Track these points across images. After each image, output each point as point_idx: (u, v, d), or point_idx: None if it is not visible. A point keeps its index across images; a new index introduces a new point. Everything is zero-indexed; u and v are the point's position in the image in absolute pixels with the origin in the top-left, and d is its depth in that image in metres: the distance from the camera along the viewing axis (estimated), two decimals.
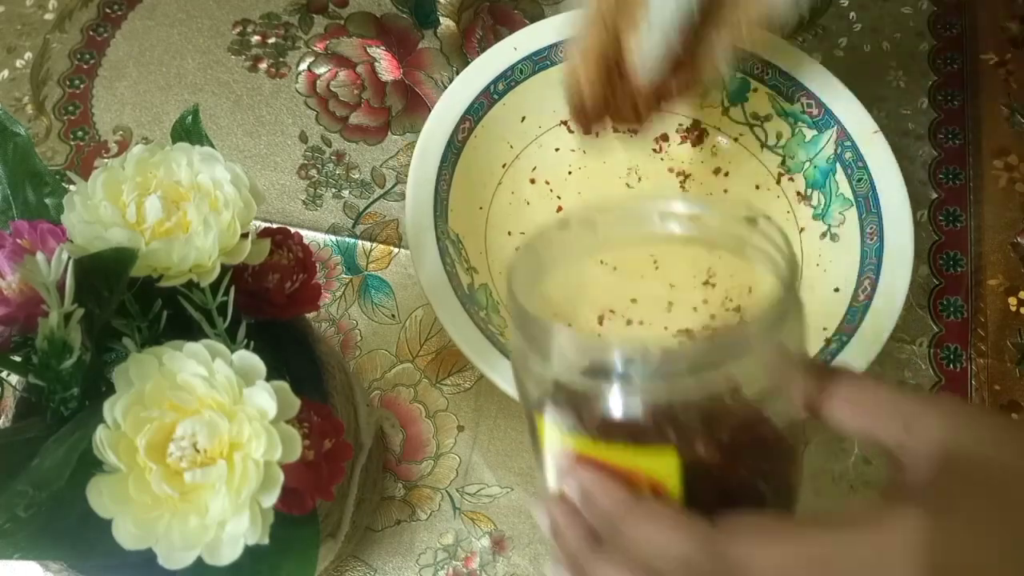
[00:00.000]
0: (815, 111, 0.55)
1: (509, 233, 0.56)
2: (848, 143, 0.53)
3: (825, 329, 0.49)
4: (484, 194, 0.56)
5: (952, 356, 0.56)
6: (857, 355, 0.47)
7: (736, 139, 0.58)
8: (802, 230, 0.55)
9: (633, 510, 0.27)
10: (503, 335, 0.49)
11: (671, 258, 0.53)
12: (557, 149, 0.58)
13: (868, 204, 0.52)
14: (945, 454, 0.26)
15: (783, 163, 0.57)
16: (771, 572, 0.26)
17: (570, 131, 0.58)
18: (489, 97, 0.56)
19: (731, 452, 0.28)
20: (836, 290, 0.51)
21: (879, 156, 0.53)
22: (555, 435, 0.29)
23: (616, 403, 0.27)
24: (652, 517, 0.27)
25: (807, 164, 0.55)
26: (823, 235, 0.54)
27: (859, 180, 0.53)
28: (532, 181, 0.57)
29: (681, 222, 0.32)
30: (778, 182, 0.57)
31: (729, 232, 0.31)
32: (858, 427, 0.29)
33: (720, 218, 0.32)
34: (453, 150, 0.54)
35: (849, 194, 0.53)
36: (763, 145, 0.57)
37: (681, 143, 0.58)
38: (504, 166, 0.57)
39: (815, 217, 0.55)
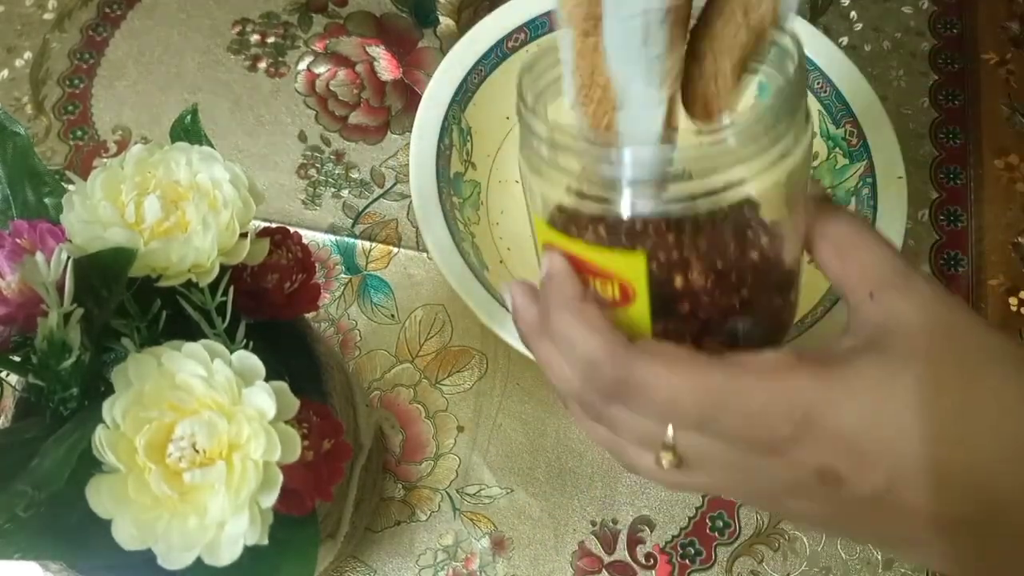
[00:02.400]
0: (854, 140, 0.53)
1: (516, 182, 0.56)
2: (870, 179, 0.52)
3: None
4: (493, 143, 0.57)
5: None
6: None
7: None
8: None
9: (567, 304, 0.28)
10: (475, 236, 0.51)
11: None
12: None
13: None
14: (887, 331, 0.26)
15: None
16: (663, 398, 0.26)
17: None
18: (511, 44, 0.56)
19: (718, 276, 0.28)
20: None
21: (891, 201, 0.51)
22: (545, 230, 0.30)
23: (603, 204, 0.27)
24: (578, 316, 0.27)
25: (830, 189, 0.55)
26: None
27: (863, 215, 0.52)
28: None
29: None
30: None
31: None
32: (832, 275, 0.29)
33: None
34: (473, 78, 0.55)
35: None
36: None
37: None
38: (508, 118, 0.58)
39: None
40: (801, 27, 0.56)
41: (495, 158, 0.57)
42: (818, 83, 0.55)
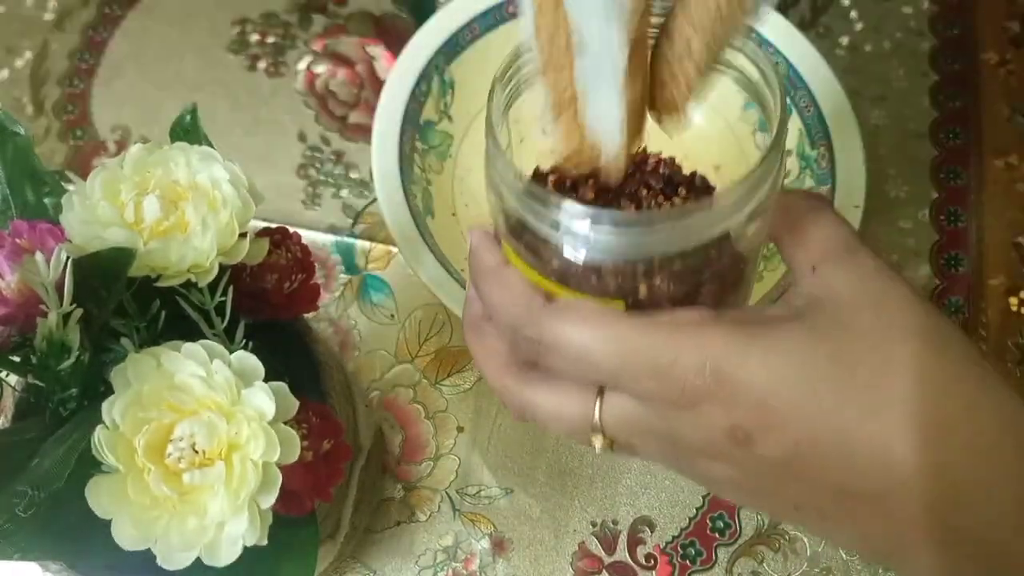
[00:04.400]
0: (824, 164, 0.53)
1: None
2: None
3: None
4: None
5: None
6: None
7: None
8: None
9: (494, 271, 0.29)
10: (430, 184, 0.54)
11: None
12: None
13: None
14: (819, 302, 0.26)
15: None
16: (575, 350, 0.26)
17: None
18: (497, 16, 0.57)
19: (681, 287, 0.28)
20: None
21: None
22: (518, 262, 0.30)
23: (568, 252, 0.28)
24: (500, 282, 0.29)
25: None
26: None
27: None
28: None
29: None
30: None
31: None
32: (783, 250, 0.29)
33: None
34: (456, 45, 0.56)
35: None
36: None
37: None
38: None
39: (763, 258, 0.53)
40: (794, 35, 0.56)
41: (475, 117, 0.58)
42: (804, 102, 0.55)
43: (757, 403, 0.25)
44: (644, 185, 0.31)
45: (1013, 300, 0.57)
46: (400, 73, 0.55)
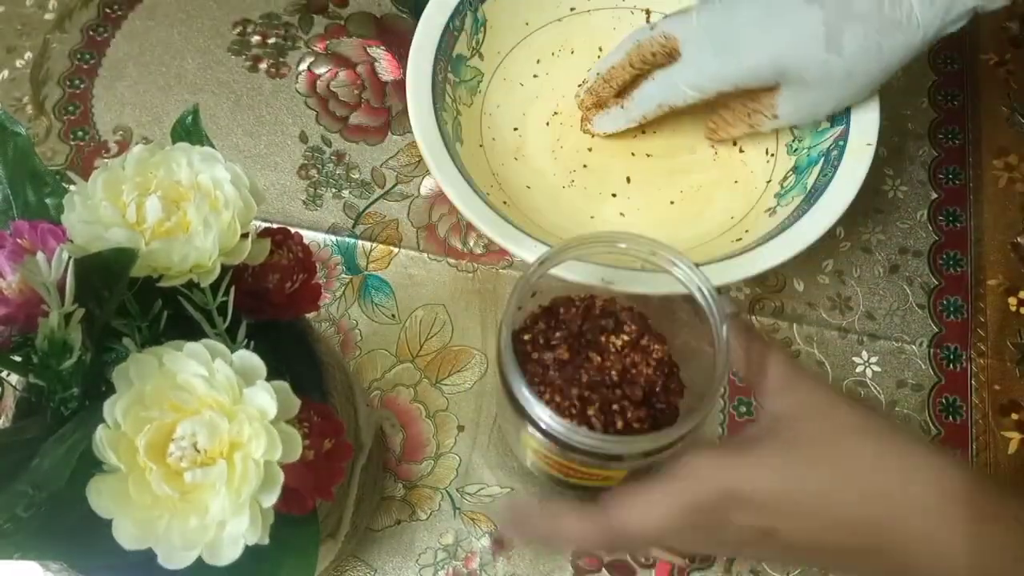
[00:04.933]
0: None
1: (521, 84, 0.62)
2: (842, 143, 0.53)
3: None
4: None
5: (952, 356, 0.56)
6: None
7: None
8: (757, 202, 0.56)
9: (553, 524, 0.37)
10: (460, 115, 0.57)
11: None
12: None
13: (811, 199, 0.52)
14: (779, 421, 0.35)
15: (792, 140, 0.57)
16: (640, 539, 0.35)
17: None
18: None
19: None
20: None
21: (853, 167, 0.52)
22: (534, 445, 0.39)
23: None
24: (564, 522, 0.36)
25: (806, 150, 0.56)
26: (769, 211, 0.55)
27: (823, 176, 0.52)
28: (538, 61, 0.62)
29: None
30: (770, 156, 0.58)
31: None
32: (750, 384, 0.38)
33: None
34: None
35: (809, 186, 0.53)
36: None
37: None
38: (527, 24, 0.62)
39: (776, 196, 0.55)
40: None
41: (506, 56, 0.61)
42: None
43: (772, 508, 0.33)
44: (605, 346, 0.42)
45: (1012, 300, 0.57)
46: (437, 5, 0.58)
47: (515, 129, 0.60)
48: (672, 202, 0.58)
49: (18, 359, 0.31)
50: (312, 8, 0.67)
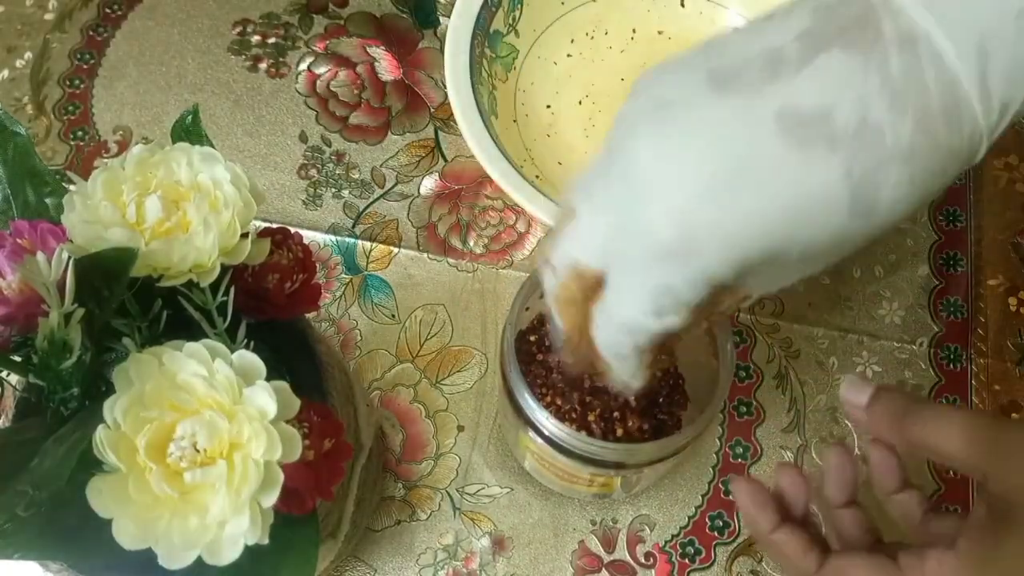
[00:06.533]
0: None
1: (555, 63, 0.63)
2: None
3: None
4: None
5: (952, 356, 0.56)
6: None
7: None
8: None
9: (766, 539, 0.35)
10: (495, 89, 0.58)
11: None
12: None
13: None
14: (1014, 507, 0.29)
15: None
16: None
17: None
18: None
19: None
20: None
21: None
22: (533, 448, 0.39)
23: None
24: (774, 549, 0.34)
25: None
26: None
27: None
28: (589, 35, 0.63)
29: None
30: None
31: None
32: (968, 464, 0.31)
33: None
34: None
35: None
36: None
37: None
38: (563, 3, 0.63)
39: None
40: None
41: (541, 34, 0.62)
42: None
43: None
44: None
45: (1012, 300, 0.57)
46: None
47: (548, 106, 0.61)
48: None
49: (18, 359, 0.31)
50: (312, 8, 0.67)
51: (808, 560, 0.33)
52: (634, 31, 0.63)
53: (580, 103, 0.61)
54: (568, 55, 0.63)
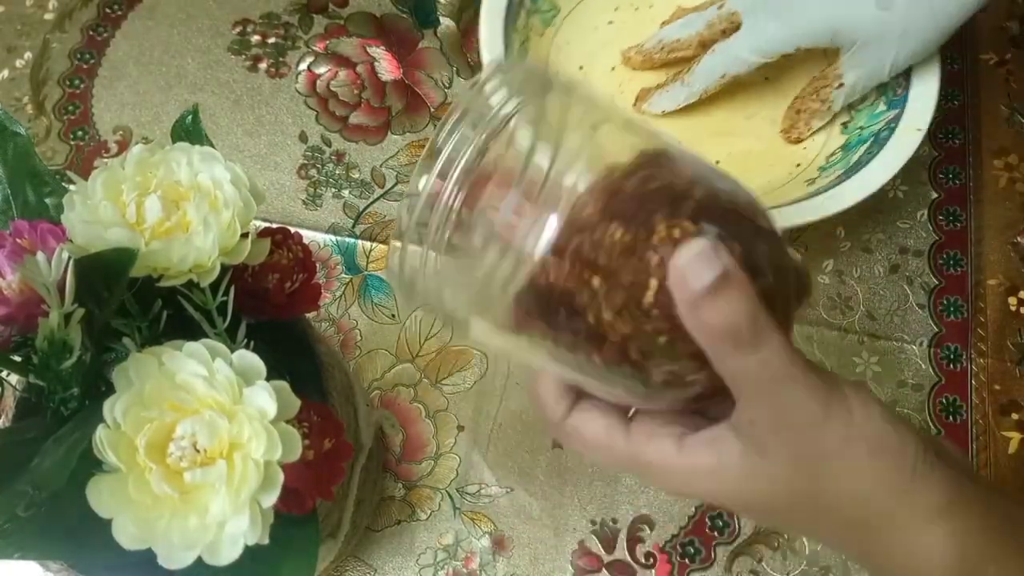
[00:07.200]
0: (899, 91, 0.55)
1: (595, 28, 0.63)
2: (893, 125, 0.54)
3: None
4: None
5: (952, 356, 0.56)
6: None
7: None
8: (801, 170, 0.57)
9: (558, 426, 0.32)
10: (528, 40, 0.59)
11: None
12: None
13: (851, 172, 0.52)
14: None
15: (848, 120, 0.58)
16: (658, 477, 0.31)
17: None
18: None
19: None
20: None
21: (896, 149, 0.53)
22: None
23: None
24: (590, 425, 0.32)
25: (859, 129, 0.56)
26: (809, 181, 0.55)
27: (868, 154, 0.53)
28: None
29: None
30: (824, 133, 0.58)
31: None
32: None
33: None
34: None
35: (852, 162, 0.53)
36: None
37: None
38: None
39: (820, 168, 0.56)
40: None
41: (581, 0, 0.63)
42: None
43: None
44: None
45: (1012, 300, 0.57)
46: None
47: (580, 67, 0.61)
48: (717, 162, 0.58)
49: (18, 359, 0.31)
50: (312, 8, 0.67)
51: (559, 407, 0.32)
52: (679, 9, 0.63)
53: (613, 69, 0.62)
54: (610, 22, 0.63)
